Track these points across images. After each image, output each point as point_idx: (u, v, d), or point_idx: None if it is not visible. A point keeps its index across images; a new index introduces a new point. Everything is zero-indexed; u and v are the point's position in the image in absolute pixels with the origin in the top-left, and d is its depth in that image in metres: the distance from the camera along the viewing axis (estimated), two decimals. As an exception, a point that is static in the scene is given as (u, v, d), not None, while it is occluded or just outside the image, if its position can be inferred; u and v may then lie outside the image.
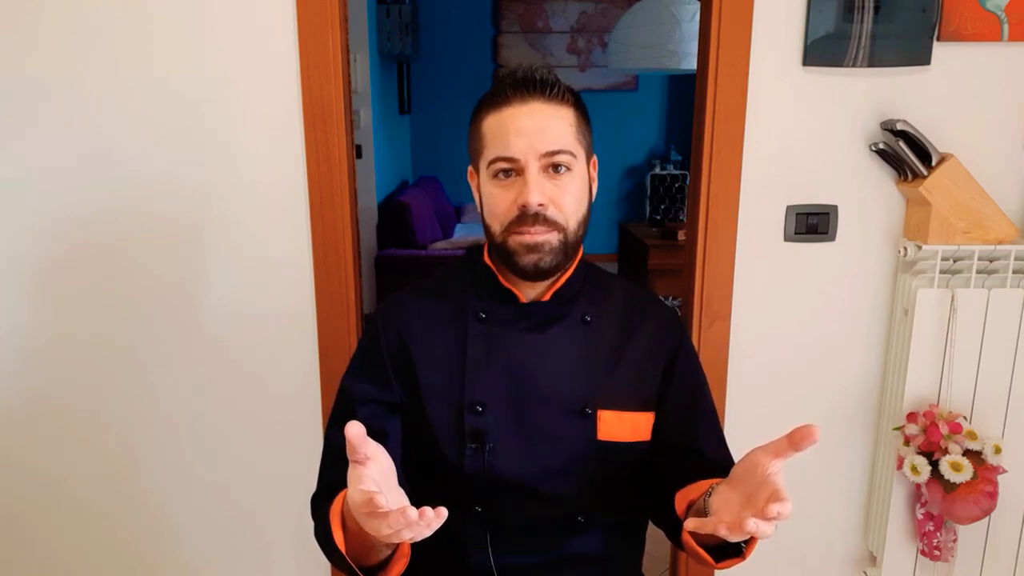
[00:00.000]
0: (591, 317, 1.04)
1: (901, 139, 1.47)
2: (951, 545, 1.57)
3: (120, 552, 1.72)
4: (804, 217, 1.57)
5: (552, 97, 0.96)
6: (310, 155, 1.52)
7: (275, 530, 1.71)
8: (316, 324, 1.59)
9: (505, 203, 0.96)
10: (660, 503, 1.00)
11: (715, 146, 1.53)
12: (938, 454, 1.48)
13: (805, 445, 0.75)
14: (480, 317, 1.03)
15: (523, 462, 1.00)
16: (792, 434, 0.75)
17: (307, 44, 1.47)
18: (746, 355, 1.64)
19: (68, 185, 1.53)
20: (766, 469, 0.76)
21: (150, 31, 1.47)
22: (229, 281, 1.58)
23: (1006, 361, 1.53)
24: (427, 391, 1.02)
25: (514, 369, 1.00)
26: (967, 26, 1.47)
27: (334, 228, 1.55)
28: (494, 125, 0.97)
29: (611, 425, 1.01)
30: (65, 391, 1.63)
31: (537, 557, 1.03)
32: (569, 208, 0.97)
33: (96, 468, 1.67)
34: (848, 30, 1.47)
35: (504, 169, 0.96)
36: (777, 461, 0.77)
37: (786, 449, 0.76)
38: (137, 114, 1.50)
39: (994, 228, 1.50)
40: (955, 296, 1.50)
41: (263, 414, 1.64)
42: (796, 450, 0.75)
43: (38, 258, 1.57)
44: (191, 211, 1.55)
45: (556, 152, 0.95)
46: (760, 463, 0.78)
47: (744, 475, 0.79)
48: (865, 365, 1.65)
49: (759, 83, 1.51)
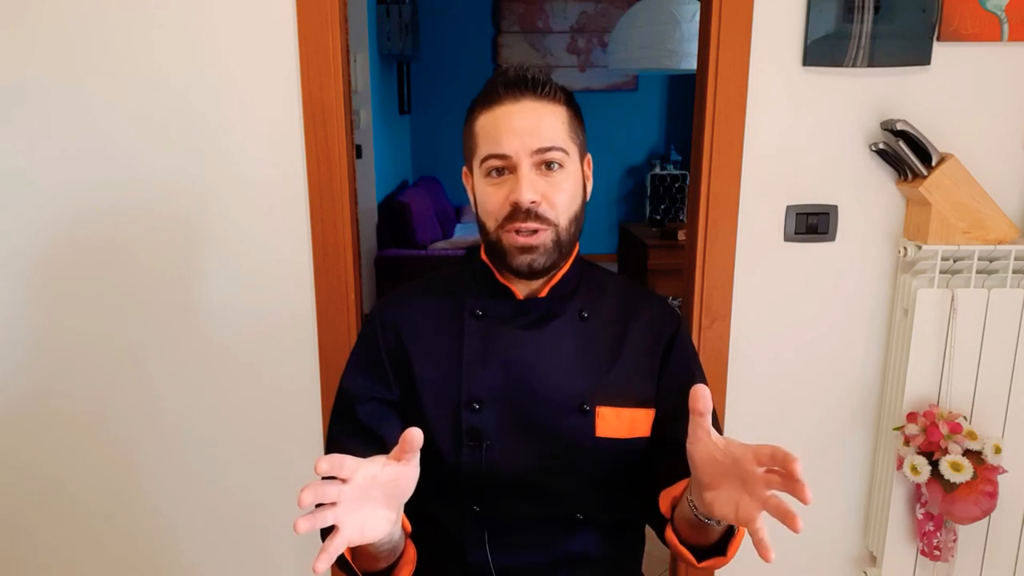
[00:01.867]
0: (588, 314, 1.04)
1: (901, 139, 1.47)
2: (951, 545, 1.57)
3: (120, 550, 1.72)
4: (804, 217, 1.57)
5: (544, 95, 0.97)
6: (310, 155, 1.52)
7: (276, 530, 1.71)
8: (316, 324, 1.59)
9: (498, 200, 0.96)
10: (648, 501, 1.00)
11: (715, 146, 1.54)
12: (938, 454, 1.48)
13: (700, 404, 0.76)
14: (477, 314, 1.03)
15: (521, 460, 1.00)
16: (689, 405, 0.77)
17: (307, 44, 1.47)
18: (746, 355, 1.64)
19: (69, 184, 1.53)
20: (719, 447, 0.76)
21: (150, 31, 1.47)
22: (229, 280, 1.58)
23: (1006, 361, 1.53)
24: (424, 388, 1.02)
25: (511, 366, 1.00)
26: (967, 26, 1.47)
27: (334, 228, 1.55)
28: (487, 124, 0.97)
29: (609, 422, 1.01)
30: (65, 390, 1.63)
31: (536, 556, 1.02)
32: (562, 205, 0.97)
33: (96, 467, 1.67)
34: (848, 30, 1.47)
35: (497, 168, 0.96)
36: (710, 437, 0.77)
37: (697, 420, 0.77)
38: (138, 113, 1.50)
39: (994, 228, 1.50)
40: (955, 296, 1.50)
41: (263, 413, 1.65)
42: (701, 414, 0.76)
43: (39, 257, 1.57)
44: (191, 211, 1.55)
45: (548, 149, 0.95)
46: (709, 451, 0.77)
47: (712, 471, 0.78)
48: (865, 365, 1.65)
49: (759, 83, 1.51)
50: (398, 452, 0.75)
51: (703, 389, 0.76)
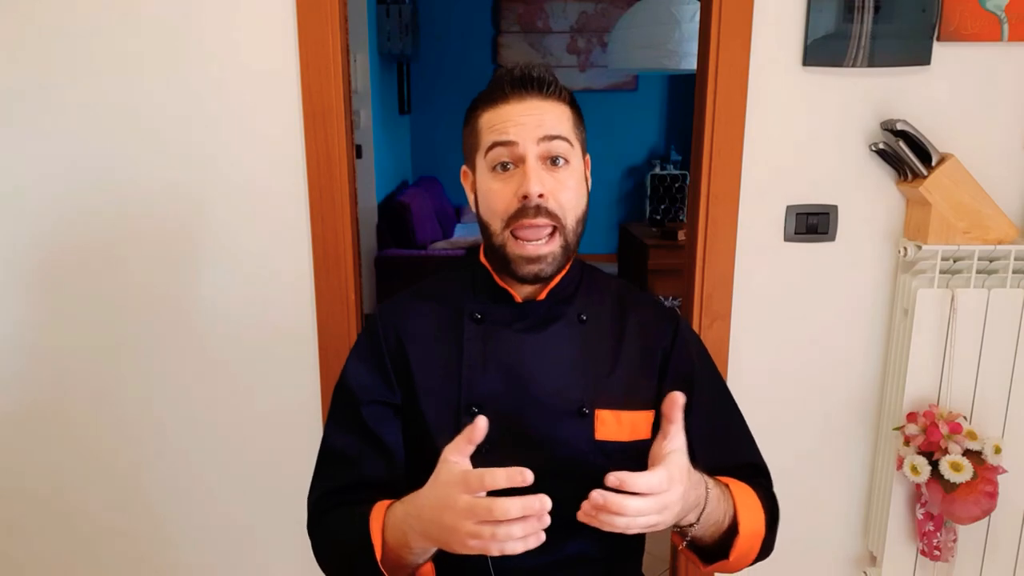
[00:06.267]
0: (587, 316, 1.04)
1: (901, 139, 1.47)
2: (951, 545, 1.57)
3: (117, 558, 1.71)
4: (804, 217, 1.57)
5: (550, 94, 0.97)
6: (310, 155, 1.52)
7: (276, 539, 1.71)
8: (316, 324, 1.59)
9: (505, 197, 0.96)
10: None
11: (715, 146, 1.53)
12: (938, 454, 1.48)
13: (675, 412, 0.84)
14: (476, 318, 1.03)
15: (520, 463, 0.99)
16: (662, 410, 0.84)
17: (307, 44, 1.47)
18: (746, 355, 1.64)
19: (67, 187, 1.53)
20: (664, 451, 0.83)
21: (150, 31, 1.47)
22: (229, 281, 1.58)
23: (1006, 361, 1.53)
24: (424, 393, 1.02)
25: (511, 370, 1.00)
26: (967, 26, 1.47)
27: (334, 228, 1.55)
28: (492, 119, 0.97)
29: (609, 425, 1.00)
30: (63, 398, 1.63)
31: (535, 559, 1.01)
32: (568, 203, 0.97)
33: (93, 474, 1.67)
34: (848, 30, 1.47)
35: (503, 162, 0.96)
36: (666, 442, 0.84)
37: (667, 425, 0.84)
38: (138, 114, 1.50)
39: (994, 228, 1.50)
40: (955, 296, 1.50)
41: (263, 413, 1.64)
42: (672, 422, 0.84)
43: (36, 263, 1.57)
44: (191, 211, 1.55)
45: (555, 137, 0.95)
46: (657, 453, 0.84)
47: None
48: (865, 365, 1.65)
49: (759, 83, 1.51)
50: (468, 436, 0.79)
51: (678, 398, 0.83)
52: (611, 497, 0.75)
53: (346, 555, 0.93)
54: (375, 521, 0.88)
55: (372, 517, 0.89)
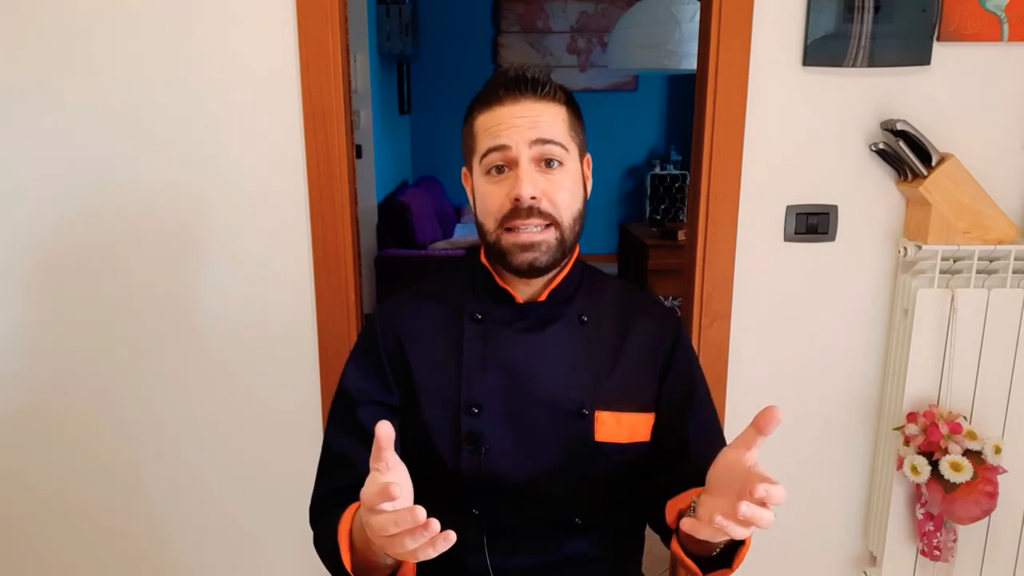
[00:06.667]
0: (587, 318, 1.04)
1: (901, 139, 1.47)
2: (951, 545, 1.57)
3: (117, 558, 1.71)
4: (804, 217, 1.57)
5: (544, 95, 0.97)
6: (310, 155, 1.51)
7: (277, 530, 1.71)
8: (316, 324, 1.59)
9: (498, 199, 0.96)
10: (655, 510, 1.00)
11: (715, 146, 1.53)
12: (938, 454, 1.48)
13: (771, 428, 0.75)
14: (476, 318, 1.03)
15: (520, 464, 1.00)
16: (756, 420, 0.76)
17: (307, 44, 1.47)
18: (746, 355, 1.64)
19: (67, 187, 1.53)
20: (745, 464, 0.76)
21: (150, 31, 1.47)
22: (229, 281, 1.58)
23: (1006, 361, 1.53)
24: (423, 393, 1.02)
25: (511, 370, 1.00)
26: (967, 26, 1.47)
27: (334, 228, 1.55)
28: (487, 121, 0.98)
29: (608, 426, 1.00)
30: (62, 399, 1.63)
31: (535, 559, 1.02)
32: (563, 203, 0.97)
33: (93, 474, 1.67)
34: (848, 30, 1.47)
35: (497, 165, 0.96)
36: (751, 453, 0.77)
37: (754, 436, 0.76)
38: (138, 115, 1.50)
39: (994, 228, 1.50)
40: (955, 296, 1.50)
41: (263, 413, 1.64)
42: (763, 434, 0.76)
43: (35, 264, 1.57)
44: (190, 211, 1.55)
45: (547, 141, 0.95)
46: (736, 461, 0.78)
47: (723, 479, 0.79)
48: (865, 365, 1.65)
49: (759, 83, 1.51)
50: (374, 454, 0.74)
51: (778, 413, 0.75)
52: (772, 489, 0.70)
53: (330, 556, 0.93)
54: (343, 524, 0.87)
55: (342, 520, 0.88)
